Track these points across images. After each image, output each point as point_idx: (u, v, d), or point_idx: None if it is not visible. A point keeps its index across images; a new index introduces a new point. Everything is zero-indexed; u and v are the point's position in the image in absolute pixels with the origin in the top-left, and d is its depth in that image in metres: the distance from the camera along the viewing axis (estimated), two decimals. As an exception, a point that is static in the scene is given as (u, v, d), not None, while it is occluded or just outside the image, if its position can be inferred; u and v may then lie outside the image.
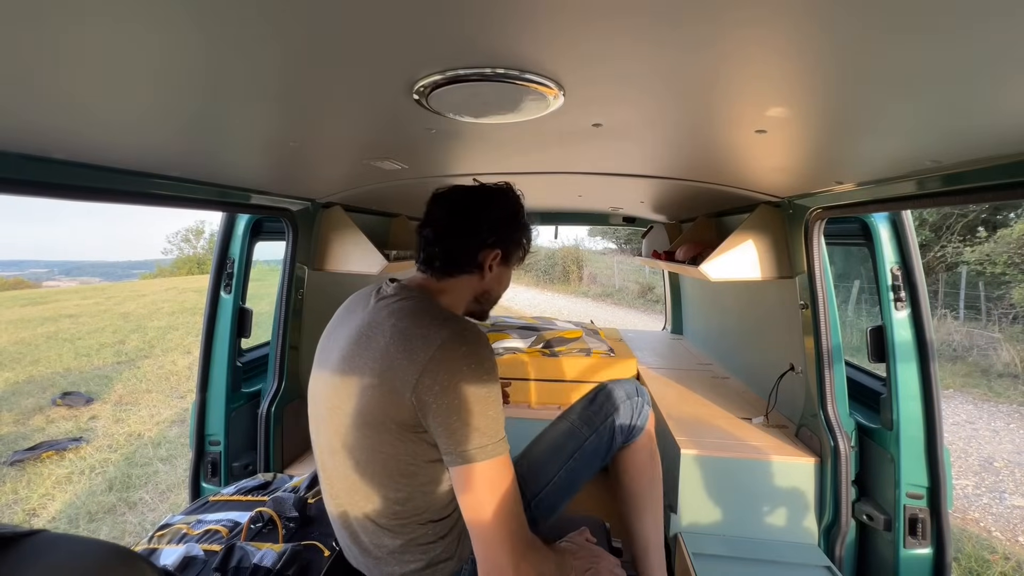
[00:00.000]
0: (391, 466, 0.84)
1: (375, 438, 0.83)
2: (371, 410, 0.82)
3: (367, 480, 0.86)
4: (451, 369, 0.78)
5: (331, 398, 0.88)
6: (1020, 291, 7.45)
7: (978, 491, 3.68)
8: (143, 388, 5.42)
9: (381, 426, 0.81)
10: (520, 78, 0.60)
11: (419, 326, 0.83)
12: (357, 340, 0.87)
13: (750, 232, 1.58)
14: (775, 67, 0.56)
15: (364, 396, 0.82)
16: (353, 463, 0.86)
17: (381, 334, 0.84)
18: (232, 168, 1.11)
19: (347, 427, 0.85)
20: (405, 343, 0.81)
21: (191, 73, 0.57)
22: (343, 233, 1.76)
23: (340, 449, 0.87)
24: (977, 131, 0.68)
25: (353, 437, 0.85)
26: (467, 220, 0.95)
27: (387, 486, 0.85)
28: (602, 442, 1.14)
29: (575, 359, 2.35)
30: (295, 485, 1.37)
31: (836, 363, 1.46)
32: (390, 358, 0.81)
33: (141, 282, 20.04)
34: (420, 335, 0.81)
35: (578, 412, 1.18)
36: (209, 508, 1.28)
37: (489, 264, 0.96)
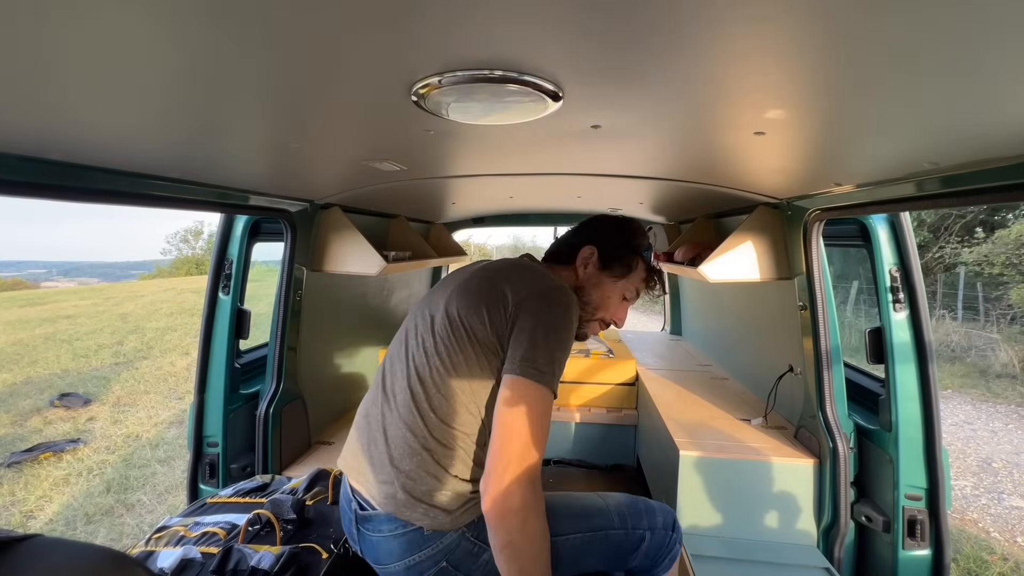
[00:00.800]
0: (464, 366, 0.92)
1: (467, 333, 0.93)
2: (476, 306, 0.94)
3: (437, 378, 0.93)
4: (545, 305, 0.92)
5: (435, 304, 1.00)
6: (1018, 292, 7.47)
7: (976, 492, 3.69)
8: (141, 389, 5.41)
9: (478, 323, 0.92)
10: (519, 80, 0.60)
11: (534, 272, 1.00)
12: (473, 271, 1.03)
13: (749, 233, 1.58)
14: (774, 69, 0.56)
15: (476, 294, 0.95)
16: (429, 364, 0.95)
17: (499, 266, 1.03)
18: (231, 169, 1.11)
19: (447, 319, 0.95)
20: (519, 275, 0.98)
21: (189, 75, 0.57)
22: (342, 234, 1.76)
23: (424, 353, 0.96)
24: (974, 133, 0.69)
25: (448, 330, 0.94)
26: (585, 224, 1.15)
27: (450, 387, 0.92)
28: (627, 543, 1.09)
29: (574, 360, 2.34)
30: (293, 487, 1.37)
31: (835, 364, 1.46)
32: (505, 277, 0.97)
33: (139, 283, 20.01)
34: (535, 276, 0.99)
35: (616, 502, 1.14)
36: (207, 510, 1.27)
37: (584, 262, 1.10)
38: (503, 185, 1.70)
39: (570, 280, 1.10)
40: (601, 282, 1.09)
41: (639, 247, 1.13)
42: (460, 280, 1.02)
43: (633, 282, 1.12)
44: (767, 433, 1.68)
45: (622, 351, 2.56)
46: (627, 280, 1.11)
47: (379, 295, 2.58)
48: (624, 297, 1.12)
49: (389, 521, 0.93)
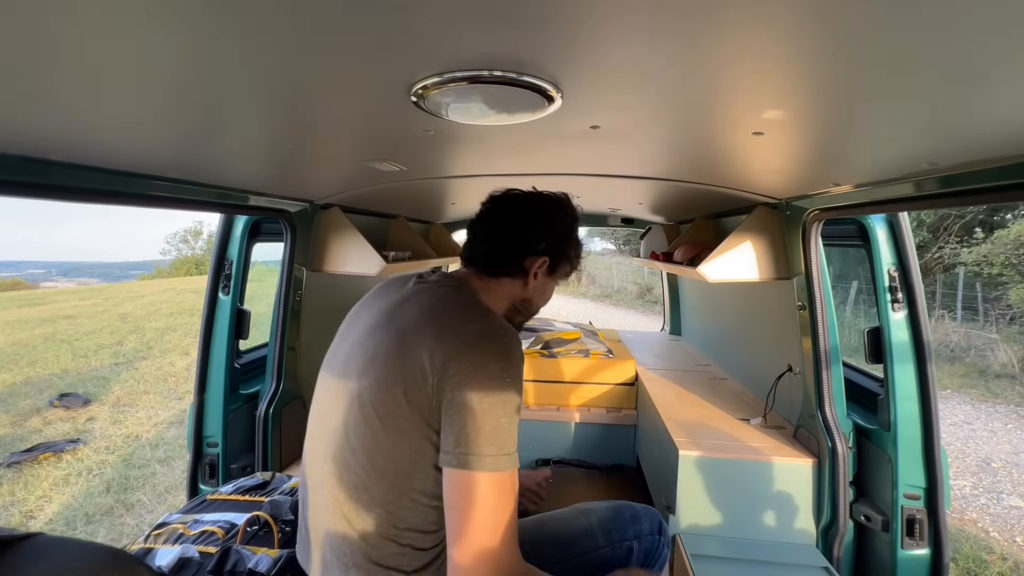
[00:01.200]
0: (391, 455, 0.76)
1: (385, 418, 0.76)
2: (390, 385, 0.76)
3: (361, 472, 0.77)
4: (478, 362, 0.73)
5: (348, 373, 0.82)
6: (1017, 292, 7.48)
7: (976, 491, 3.69)
8: (141, 389, 5.41)
9: (395, 406, 0.75)
10: (518, 80, 0.60)
11: (457, 312, 0.81)
12: (389, 313, 0.84)
13: (748, 233, 1.58)
14: (772, 70, 0.56)
15: (386, 368, 0.77)
16: (351, 452, 0.78)
17: (416, 309, 0.82)
18: (230, 170, 1.11)
19: (358, 404, 0.78)
20: (439, 324, 0.78)
21: (188, 75, 0.57)
22: (341, 234, 1.76)
23: (343, 437, 0.79)
24: (972, 133, 0.69)
25: (360, 415, 0.77)
26: (521, 223, 0.94)
27: (379, 482, 0.76)
28: (614, 559, 1.08)
29: (573, 360, 2.35)
30: (293, 486, 1.37)
31: (834, 364, 1.46)
32: (420, 335, 0.77)
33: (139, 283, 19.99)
34: (458, 319, 0.79)
35: (599, 517, 1.11)
36: (206, 507, 1.27)
37: (535, 272, 0.93)
38: (502, 185, 1.70)
39: (513, 294, 0.94)
40: (547, 285, 0.99)
41: (578, 237, 1.01)
42: (367, 344, 0.82)
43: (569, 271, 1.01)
44: (766, 433, 1.68)
45: (621, 351, 2.55)
46: (567, 273, 1.01)
47: (379, 295, 2.58)
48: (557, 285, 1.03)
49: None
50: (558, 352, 2.41)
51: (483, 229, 0.95)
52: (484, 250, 0.93)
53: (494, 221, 0.95)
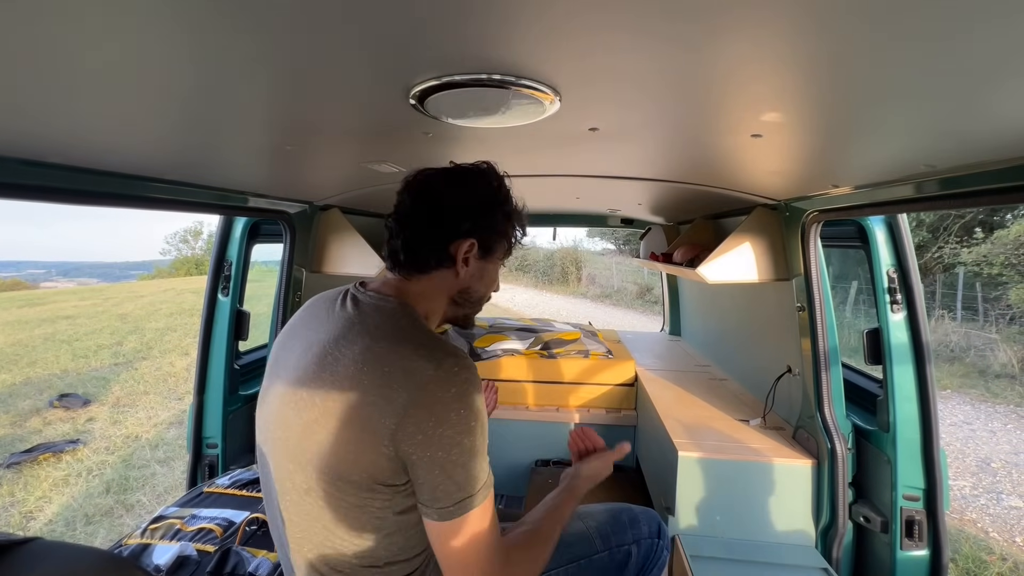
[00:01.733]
0: (352, 517, 0.70)
1: (336, 486, 0.68)
2: (336, 454, 0.67)
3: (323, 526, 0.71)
4: (438, 416, 0.66)
5: (284, 426, 0.73)
6: (1017, 292, 7.48)
7: (975, 492, 3.69)
8: (141, 390, 5.41)
9: (345, 475, 0.67)
10: (516, 83, 0.60)
11: (398, 354, 0.69)
12: (321, 360, 0.72)
13: (747, 234, 1.58)
14: (770, 73, 0.56)
15: (327, 436, 0.67)
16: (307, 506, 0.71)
17: (352, 358, 0.69)
18: (229, 171, 1.11)
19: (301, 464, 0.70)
20: (383, 377, 0.67)
21: (187, 77, 0.57)
22: (341, 235, 1.76)
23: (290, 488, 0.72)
24: (971, 136, 0.69)
25: (307, 477, 0.70)
26: (435, 205, 0.80)
27: (344, 536, 0.71)
28: (612, 563, 1.07)
29: (573, 361, 2.35)
30: None
31: (833, 365, 1.46)
32: (363, 393, 0.67)
33: (139, 283, 19.99)
34: (400, 368, 0.67)
35: (597, 522, 1.10)
36: (203, 500, 1.27)
37: (463, 257, 0.80)
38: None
39: (447, 287, 0.83)
40: (485, 269, 0.86)
41: (512, 212, 0.87)
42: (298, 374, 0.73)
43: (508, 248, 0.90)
44: (765, 434, 1.68)
45: (621, 351, 2.54)
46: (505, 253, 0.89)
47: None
48: (502, 265, 0.92)
49: None
50: (557, 353, 2.41)
51: (397, 222, 0.82)
52: (402, 245, 0.81)
53: (407, 210, 0.81)
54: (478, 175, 0.84)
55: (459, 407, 0.67)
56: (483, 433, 0.70)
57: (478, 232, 0.81)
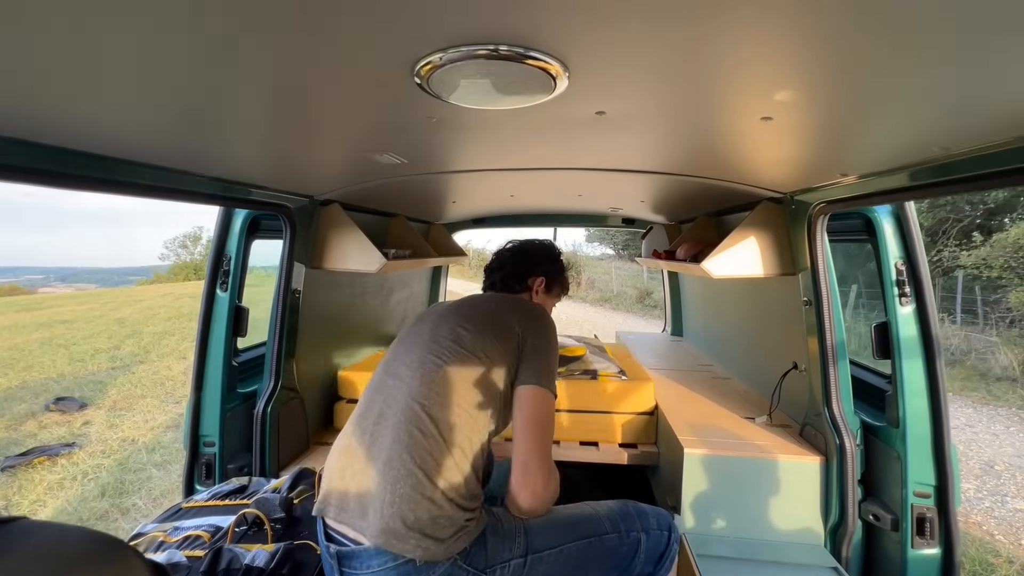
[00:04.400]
0: (471, 398, 1.01)
1: (478, 363, 1.04)
2: (489, 337, 1.07)
3: (441, 413, 0.99)
4: (543, 326, 1.14)
5: (437, 340, 1.09)
6: (1017, 295, 7.48)
7: (980, 494, 3.66)
8: (138, 393, 5.36)
9: (493, 352, 1.05)
10: (526, 56, 0.59)
11: (523, 302, 1.23)
12: (475, 306, 1.18)
13: (752, 229, 1.57)
14: (785, 48, 0.55)
15: (485, 327, 1.09)
16: (434, 395, 1.01)
17: (496, 301, 1.20)
18: (227, 159, 1.10)
19: (451, 358, 1.05)
20: (514, 306, 1.18)
21: (183, 56, 0.55)
22: (341, 231, 1.74)
23: (426, 388, 1.02)
24: (989, 114, 0.67)
25: (453, 365, 1.04)
26: (524, 254, 1.36)
27: (452, 426, 0.99)
28: (622, 547, 1.09)
29: (578, 384, 1.90)
30: (276, 486, 1.33)
31: (840, 360, 1.44)
32: (505, 311, 1.15)
33: (137, 288, 19.92)
34: (527, 304, 1.21)
35: (605, 508, 1.15)
36: (184, 515, 1.23)
37: (536, 288, 1.32)
38: (504, 181, 1.69)
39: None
40: (546, 301, 1.36)
41: (564, 267, 1.42)
42: (461, 314, 1.14)
43: (560, 293, 1.41)
44: (772, 431, 1.66)
45: (635, 370, 2.08)
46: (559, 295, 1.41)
47: (379, 294, 2.56)
48: (554, 306, 1.41)
49: (378, 555, 0.92)
50: (559, 373, 1.93)
51: (496, 263, 1.37)
52: (500, 277, 1.33)
53: (505, 259, 1.36)
54: (550, 244, 1.41)
55: (551, 329, 1.16)
56: (557, 351, 1.15)
57: (546, 274, 1.34)
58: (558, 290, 1.39)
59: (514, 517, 1.03)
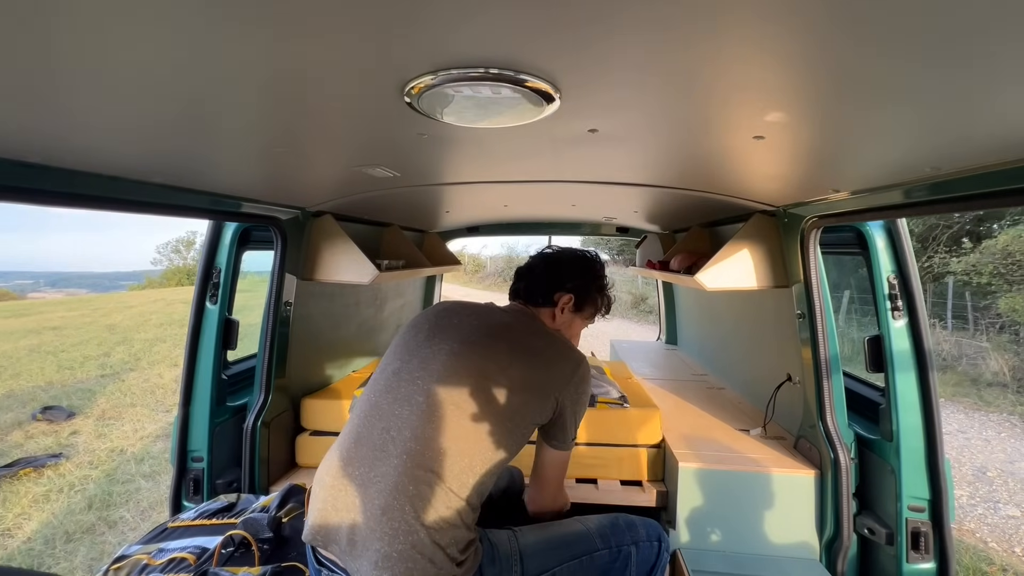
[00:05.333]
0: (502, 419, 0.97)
1: (513, 410, 0.98)
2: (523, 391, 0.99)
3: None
4: (583, 385, 1.07)
5: (459, 371, 0.99)
6: (1006, 301, 7.56)
7: (973, 501, 3.67)
8: (127, 402, 5.29)
9: (522, 405, 0.99)
10: (516, 79, 0.58)
11: (563, 348, 1.09)
12: (502, 335, 1.06)
13: (745, 241, 1.57)
14: (777, 69, 0.55)
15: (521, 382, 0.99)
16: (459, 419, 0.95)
17: (532, 339, 1.07)
18: (218, 175, 1.08)
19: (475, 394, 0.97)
20: (557, 357, 1.06)
21: (175, 75, 0.54)
22: (334, 242, 1.73)
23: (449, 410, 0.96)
24: (978, 137, 0.68)
25: (492, 406, 0.97)
26: (555, 266, 1.21)
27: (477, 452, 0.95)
28: (615, 562, 1.09)
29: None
30: (265, 504, 1.30)
31: (834, 373, 1.44)
32: (546, 366, 1.03)
33: (129, 293, 19.73)
34: (565, 352, 1.08)
35: (595, 524, 1.14)
36: (169, 535, 1.20)
37: (561, 306, 1.17)
38: (497, 193, 1.68)
39: (548, 320, 1.18)
40: (573, 322, 1.21)
41: (604, 286, 1.25)
42: (489, 348, 1.03)
43: (593, 313, 1.25)
44: (766, 444, 1.65)
45: (639, 395, 1.86)
46: (591, 316, 1.25)
47: (372, 305, 2.54)
48: (585, 327, 1.26)
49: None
50: None
51: (525, 270, 1.22)
52: (524, 285, 1.20)
53: (536, 265, 1.22)
54: (589, 257, 1.24)
55: (588, 386, 1.10)
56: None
57: (576, 292, 1.18)
58: (591, 311, 1.23)
59: (508, 542, 1.02)
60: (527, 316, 1.15)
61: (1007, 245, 7.44)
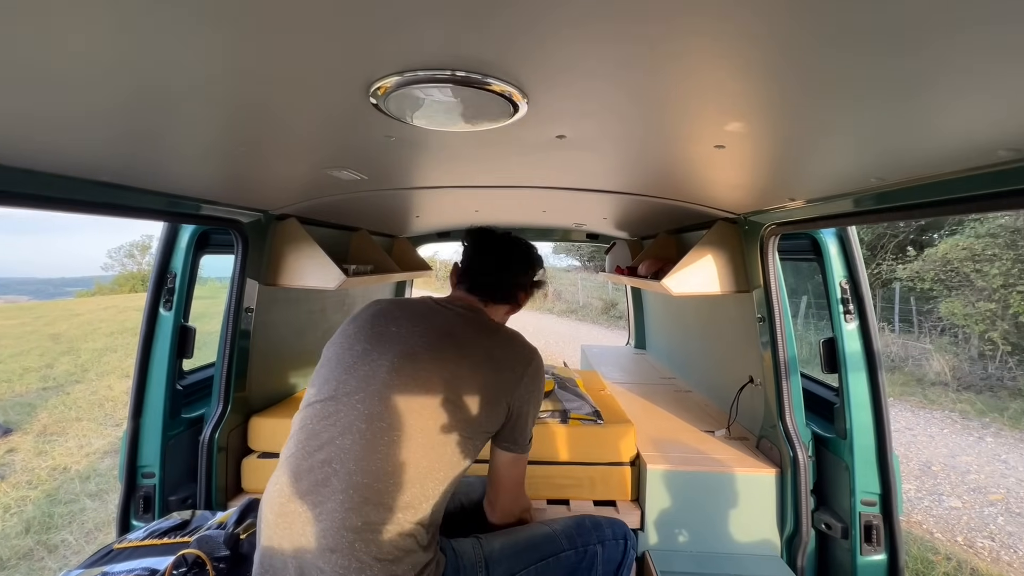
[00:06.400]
0: (453, 434, 0.94)
1: (466, 422, 0.95)
2: (476, 402, 0.97)
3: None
4: (538, 383, 1.08)
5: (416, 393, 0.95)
6: (946, 305, 8.09)
7: (919, 494, 3.88)
8: (72, 416, 4.95)
9: (476, 416, 0.96)
10: (483, 83, 0.58)
11: (514, 346, 1.08)
12: (448, 341, 1.02)
13: (709, 248, 1.62)
14: (735, 81, 0.57)
15: (472, 393, 0.97)
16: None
17: (484, 341, 1.05)
18: (174, 175, 1.03)
19: (438, 415, 0.94)
20: (508, 359, 1.05)
21: (123, 69, 0.52)
22: (298, 246, 1.68)
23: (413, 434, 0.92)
24: (918, 150, 0.72)
25: (443, 421, 0.94)
26: (521, 266, 1.21)
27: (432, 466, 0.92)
28: (581, 562, 1.10)
29: (546, 428, 1.60)
30: (222, 520, 1.23)
31: (792, 374, 1.50)
32: (497, 370, 1.01)
33: (76, 300, 18.54)
34: (517, 349, 1.08)
35: (561, 525, 1.15)
36: (114, 558, 1.10)
37: (521, 301, 1.22)
38: (468, 198, 1.68)
39: (498, 316, 1.19)
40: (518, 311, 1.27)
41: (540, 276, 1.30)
42: (437, 349, 1.00)
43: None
44: (730, 444, 1.70)
45: (614, 410, 1.80)
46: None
47: (339, 311, 2.48)
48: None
49: None
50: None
51: (488, 266, 1.18)
52: (490, 282, 1.16)
53: (497, 261, 1.18)
54: (536, 254, 1.25)
55: (542, 381, 1.10)
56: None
57: (530, 289, 1.24)
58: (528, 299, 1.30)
59: (473, 550, 1.01)
60: (473, 312, 1.11)
61: (946, 253, 7.97)
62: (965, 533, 3.29)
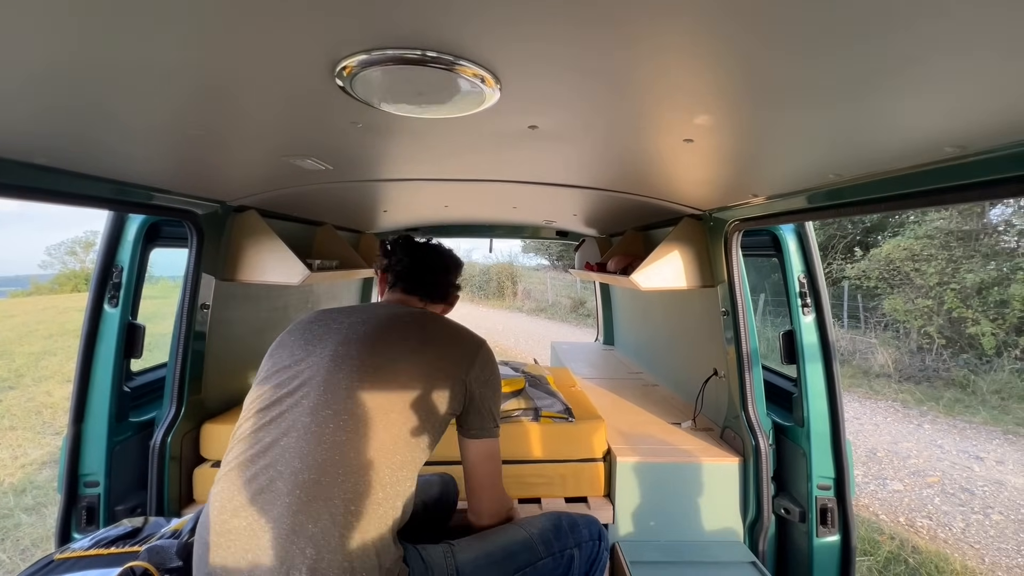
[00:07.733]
0: (406, 417, 0.92)
1: (415, 401, 0.94)
2: (423, 379, 0.96)
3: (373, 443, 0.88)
4: (491, 367, 1.08)
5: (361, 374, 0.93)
6: (889, 302, 8.65)
7: (866, 479, 4.13)
8: (5, 425, 4.58)
9: (424, 394, 0.95)
10: (454, 64, 0.57)
11: (460, 330, 1.10)
12: (389, 327, 1.02)
13: (675, 243, 1.66)
14: (702, 75, 0.58)
15: (418, 369, 0.96)
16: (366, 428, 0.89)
17: (427, 326, 1.06)
18: (122, 160, 0.96)
19: (385, 394, 0.92)
20: (455, 338, 1.06)
21: (56, 29, 0.47)
22: (259, 240, 1.60)
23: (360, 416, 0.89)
24: (873, 144, 0.76)
25: (391, 401, 0.92)
26: (452, 270, 1.28)
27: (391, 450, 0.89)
28: (558, 568, 1.09)
29: (517, 427, 1.59)
30: (176, 528, 1.14)
31: (755, 366, 1.56)
32: (443, 347, 1.02)
33: (10, 301, 17.19)
34: (465, 333, 1.10)
35: (538, 528, 1.12)
36: (54, 570, 1.01)
37: (452, 301, 1.29)
38: (438, 192, 1.65)
39: (439, 313, 1.24)
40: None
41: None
42: (385, 344, 0.99)
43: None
44: (696, 435, 1.75)
45: (585, 406, 1.79)
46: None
47: (303, 308, 2.39)
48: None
49: None
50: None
51: (424, 269, 1.22)
52: (429, 281, 1.22)
53: (433, 265, 1.24)
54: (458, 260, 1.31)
55: (496, 365, 1.11)
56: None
57: (458, 288, 1.30)
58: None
59: (444, 558, 0.97)
60: (417, 307, 1.16)
61: (889, 253, 8.53)
62: (907, 514, 3.51)
